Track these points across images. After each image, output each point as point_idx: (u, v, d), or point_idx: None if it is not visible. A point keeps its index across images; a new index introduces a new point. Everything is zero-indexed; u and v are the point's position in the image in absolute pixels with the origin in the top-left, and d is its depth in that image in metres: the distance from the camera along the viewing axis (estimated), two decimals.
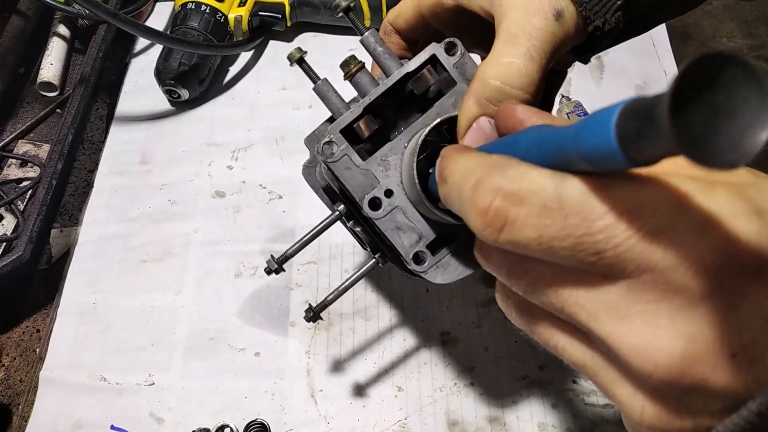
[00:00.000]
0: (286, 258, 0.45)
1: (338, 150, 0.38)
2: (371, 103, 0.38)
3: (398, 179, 0.39)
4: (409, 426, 0.56)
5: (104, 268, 0.66)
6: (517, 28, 0.34)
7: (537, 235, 0.23)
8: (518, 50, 0.34)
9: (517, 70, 0.34)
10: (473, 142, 0.35)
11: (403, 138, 0.39)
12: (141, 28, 0.67)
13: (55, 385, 0.59)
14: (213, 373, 0.59)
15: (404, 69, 0.38)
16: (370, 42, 0.40)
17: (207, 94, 0.78)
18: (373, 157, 0.39)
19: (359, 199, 0.38)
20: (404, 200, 0.39)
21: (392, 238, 0.39)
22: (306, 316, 0.47)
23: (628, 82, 0.78)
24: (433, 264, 0.39)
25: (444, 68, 0.39)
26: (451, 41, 0.38)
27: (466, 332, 0.61)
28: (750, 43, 0.86)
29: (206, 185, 0.71)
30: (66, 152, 0.69)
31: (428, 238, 0.39)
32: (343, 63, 0.42)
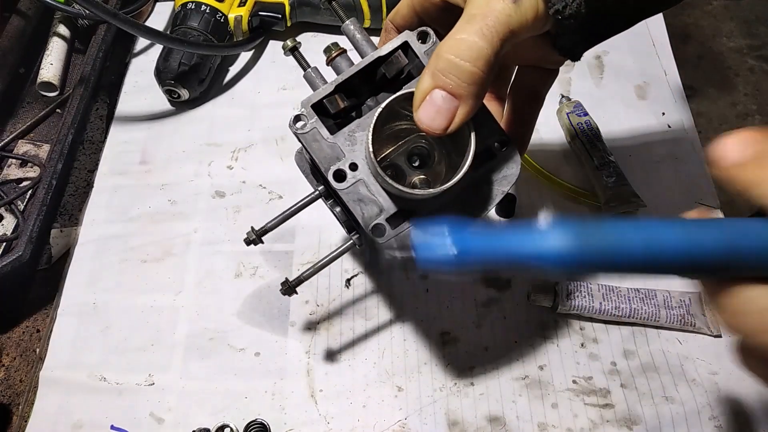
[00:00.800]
0: (265, 231, 0.48)
1: (308, 123, 0.41)
2: (343, 81, 0.41)
3: (364, 154, 0.41)
4: (409, 426, 0.56)
5: (104, 268, 0.66)
6: (475, 9, 0.37)
7: None
8: (472, 28, 0.36)
9: (467, 45, 0.36)
10: (426, 114, 0.37)
11: (371, 116, 0.40)
12: (141, 28, 0.67)
13: (55, 385, 0.59)
14: (213, 373, 0.59)
15: (376, 53, 0.41)
16: (350, 29, 0.43)
17: (207, 94, 0.78)
18: (341, 131, 0.41)
19: (324, 170, 0.41)
20: (368, 174, 0.41)
21: (354, 209, 0.41)
22: (282, 289, 0.49)
23: (628, 82, 0.78)
24: (392, 236, 0.41)
25: (415, 54, 0.41)
26: (424, 30, 0.41)
27: (466, 332, 0.61)
28: (750, 43, 0.86)
29: (206, 185, 0.71)
30: (66, 152, 0.69)
31: (389, 211, 0.41)
32: (325, 49, 0.44)
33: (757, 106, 0.81)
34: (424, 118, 0.37)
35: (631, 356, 0.59)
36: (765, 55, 0.84)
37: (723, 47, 0.85)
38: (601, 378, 0.58)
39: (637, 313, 0.59)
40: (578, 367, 0.59)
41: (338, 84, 0.41)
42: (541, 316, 0.61)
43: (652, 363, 0.59)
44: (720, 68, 0.83)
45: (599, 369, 0.59)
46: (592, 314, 0.60)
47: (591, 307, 0.59)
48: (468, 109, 0.37)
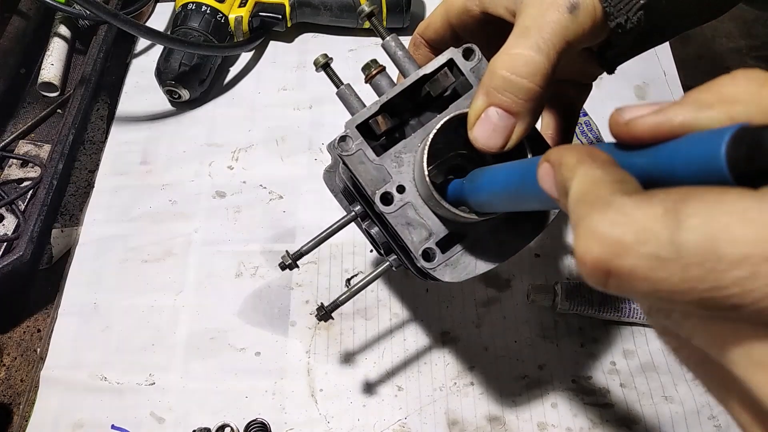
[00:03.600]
0: (301, 254, 0.47)
1: (353, 144, 0.39)
2: (388, 101, 0.39)
3: (411, 176, 0.39)
4: (409, 425, 0.56)
5: (105, 268, 0.66)
6: (529, 21, 0.35)
7: (651, 289, 0.19)
8: (527, 42, 0.34)
9: (524, 61, 0.34)
10: (482, 132, 0.35)
11: (417, 136, 0.40)
12: (142, 28, 0.67)
13: (56, 385, 0.59)
14: (213, 373, 0.59)
15: (421, 71, 0.39)
16: (391, 46, 0.41)
17: (207, 94, 0.78)
18: (387, 153, 0.39)
19: (371, 193, 0.39)
20: (416, 196, 0.39)
21: (402, 233, 0.39)
22: (317, 315, 0.47)
23: (628, 83, 0.78)
24: (443, 261, 0.39)
25: (461, 72, 0.39)
26: (469, 47, 0.39)
27: (466, 332, 0.61)
28: (749, 44, 0.86)
29: (207, 185, 0.71)
30: (67, 152, 0.69)
31: (438, 234, 0.39)
32: (364, 66, 0.42)
33: None
34: (480, 136, 0.35)
35: (631, 356, 0.59)
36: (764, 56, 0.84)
37: (722, 48, 0.85)
38: (601, 378, 0.58)
39: (636, 313, 0.59)
40: (578, 367, 0.59)
41: (383, 104, 0.39)
42: (541, 316, 0.61)
43: (651, 363, 0.59)
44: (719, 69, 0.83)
45: (599, 369, 0.59)
46: (591, 314, 0.60)
47: (590, 307, 0.59)
48: (525, 126, 0.36)
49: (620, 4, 0.36)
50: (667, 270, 0.18)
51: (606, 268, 0.20)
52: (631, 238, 0.19)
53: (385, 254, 0.47)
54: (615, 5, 0.36)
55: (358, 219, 0.46)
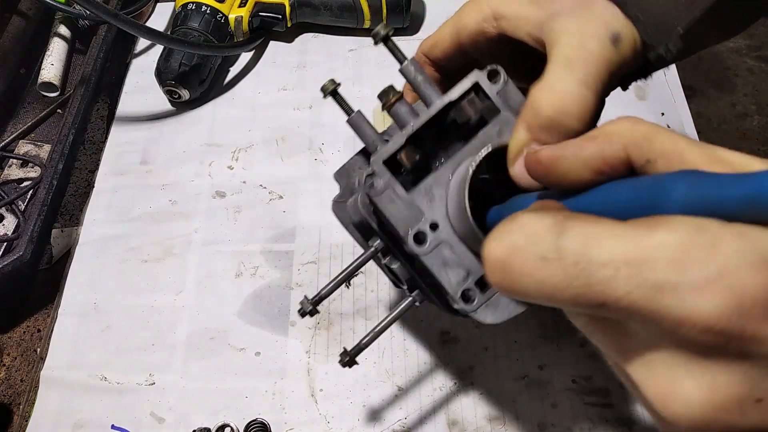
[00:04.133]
0: (321, 298, 0.43)
1: (382, 182, 0.36)
2: (414, 133, 0.36)
3: (443, 212, 0.37)
4: (409, 426, 0.56)
5: (105, 268, 0.66)
6: (571, 53, 0.33)
7: (536, 286, 0.23)
8: (573, 76, 0.32)
9: (572, 99, 0.32)
10: (522, 172, 0.33)
11: (447, 168, 0.37)
12: (141, 28, 0.67)
13: (56, 385, 0.59)
14: (213, 373, 0.59)
15: (447, 97, 0.37)
16: (410, 71, 0.38)
17: (207, 94, 0.78)
18: (417, 189, 0.37)
19: (403, 234, 0.36)
20: (450, 234, 0.37)
21: (439, 275, 0.36)
22: (341, 360, 0.44)
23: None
24: (483, 302, 0.37)
25: (487, 96, 0.37)
26: (494, 68, 0.37)
27: (466, 332, 0.61)
28: (749, 44, 0.86)
29: (207, 185, 0.71)
30: (67, 152, 0.69)
31: (477, 274, 0.37)
32: (381, 93, 0.40)
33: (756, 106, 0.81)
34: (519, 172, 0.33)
35: None
36: (764, 56, 0.84)
37: (722, 47, 0.85)
38: (601, 377, 0.58)
39: None
40: (578, 367, 0.59)
41: (409, 136, 0.36)
42: (541, 315, 0.61)
43: None
44: (719, 68, 0.83)
45: (599, 368, 0.59)
46: None
47: None
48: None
49: (659, 35, 0.35)
50: (550, 269, 0.23)
51: (502, 265, 0.24)
52: (522, 242, 0.24)
53: (410, 290, 0.44)
54: (654, 36, 0.35)
55: (378, 254, 0.43)
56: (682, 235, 0.20)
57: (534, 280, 0.23)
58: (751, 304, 0.20)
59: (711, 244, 0.20)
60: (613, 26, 0.33)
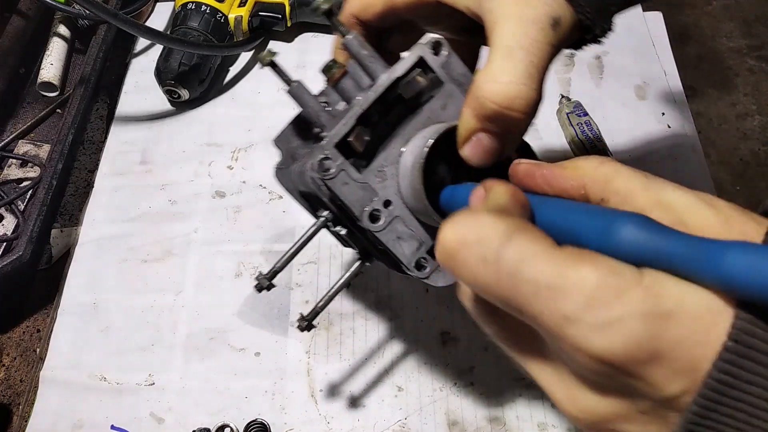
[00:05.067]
0: (275, 272, 0.44)
1: (335, 166, 0.36)
2: (363, 112, 0.36)
3: (395, 189, 0.38)
4: (409, 426, 0.56)
5: (104, 268, 0.66)
6: (512, 41, 0.33)
7: (472, 279, 0.27)
8: (516, 68, 0.33)
9: (517, 92, 0.33)
10: (473, 152, 0.35)
11: (396, 145, 0.38)
12: (141, 28, 0.67)
13: (56, 385, 0.59)
14: (213, 373, 0.59)
15: (393, 73, 0.37)
16: (354, 45, 0.39)
17: (207, 94, 0.78)
18: (369, 168, 0.38)
19: (359, 214, 0.37)
20: (403, 209, 0.38)
21: (394, 248, 0.38)
22: (300, 325, 0.46)
23: (628, 83, 0.78)
24: (435, 268, 0.39)
25: (431, 69, 0.37)
26: (437, 41, 0.37)
27: (466, 332, 0.61)
28: (750, 43, 0.86)
29: (206, 185, 0.71)
30: (66, 152, 0.69)
31: (428, 244, 0.39)
32: (325, 68, 0.40)
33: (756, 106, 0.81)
34: (471, 156, 0.35)
35: None
36: (765, 56, 0.84)
37: (723, 47, 0.85)
38: None
39: None
40: None
41: (360, 116, 0.36)
42: None
43: None
44: (720, 68, 0.83)
45: None
46: None
47: None
48: (515, 144, 0.36)
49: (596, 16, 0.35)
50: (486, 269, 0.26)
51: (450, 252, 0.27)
52: (472, 239, 0.26)
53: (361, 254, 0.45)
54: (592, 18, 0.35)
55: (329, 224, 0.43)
56: (599, 276, 0.23)
57: (471, 274, 0.27)
58: (636, 350, 0.22)
59: (619, 292, 0.23)
60: (553, 9, 0.33)
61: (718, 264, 0.21)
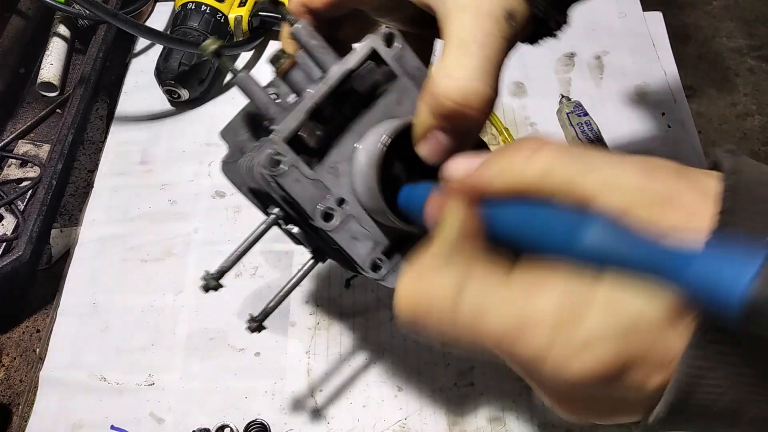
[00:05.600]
0: (222, 272, 0.42)
1: (286, 162, 0.34)
2: (315, 106, 0.35)
3: (349, 187, 0.36)
4: (409, 426, 0.56)
5: (104, 268, 0.66)
6: (467, 35, 0.32)
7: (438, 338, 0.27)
8: (471, 63, 0.32)
9: (472, 89, 0.32)
10: (429, 149, 0.34)
11: (349, 141, 0.36)
12: (141, 28, 0.67)
13: (55, 385, 0.59)
14: (213, 373, 0.59)
15: (345, 65, 0.35)
16: (302, 35, 0.37)
17: (207, 94, 0.78)
18: (322, 165, 0.36)
19: (311, 212, 0.36)
20: (357, 208, 0.37)
21: (348, 248, 0.37)
22: (249, 326, 0.43)
23: (628, 83, 0.78)
24: (390, 269, 0.38)
25: (384, 62, 0.36)
26: (389, 33, 0.36)
27: None
28: (750, 43, 0.86)
29: (206, 185, 0.71)
30: (66, 152, 0.69)
31: (383, 244, 0.38)
32: (273, 58, 0.38)
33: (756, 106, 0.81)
34: (427, 153, 0.34)
35: None
36: (765, 56, 0.84)
37: (723, 47, 0.85)
38: None
39: None
40: None
41: (309, 109, 0.35)
42: None
43: None
44: (720, 68, 0.83)
45: None
46: None
47: None
48: (472, 141, 0.35)
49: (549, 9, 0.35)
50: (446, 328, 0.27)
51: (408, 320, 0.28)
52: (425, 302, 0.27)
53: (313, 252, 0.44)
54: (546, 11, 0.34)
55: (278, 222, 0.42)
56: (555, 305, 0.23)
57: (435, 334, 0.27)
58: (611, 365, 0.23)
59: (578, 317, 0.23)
60: (508, 2, 0.32)
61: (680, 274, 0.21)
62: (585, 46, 0.81)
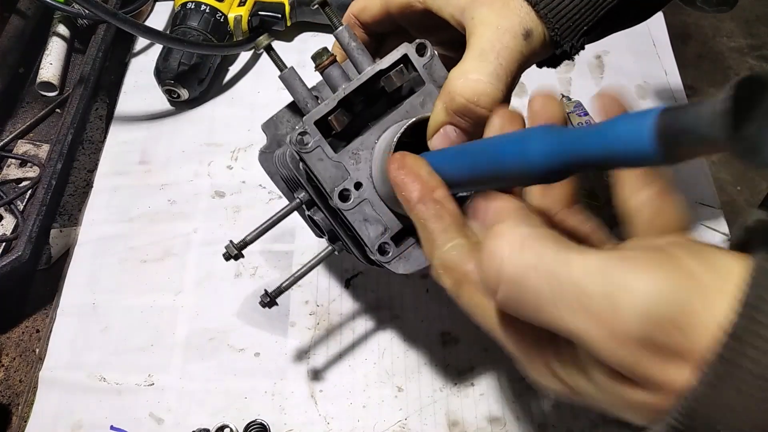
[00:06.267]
0: (246, 243, 0.47)
1: (312, 141, 0.39)
2: (345, 97, 0.39)
3: (368, 173, 0.40)
4: (409, 426, 0.56)
5: (104, 268, 0.66)
6: (487, 45, 0.36)
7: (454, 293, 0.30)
8: (486, 68, 0.36)
9: (483, 89, 0.36)
10: (440, 143, 0.38)
11: (374, 133, 0.40)
12: (140, 27, 0.67)
13: (55, 386, 0.59)
14: (213, 374, 0.59)
15: (377, 66, 0.40)
16: (344, 37, 0.42)
17: (207, 93, 0.78)
18: (345, 150, 0.40)
19: (330, 191, 0.40)
20: (372, 193, 0.40)
21: (359, 229, 0.40)
22: (262, 301, 0.49)
23: (629, 82, 0.78)
24: (396, 255, 0.41)
25: (414, 68, 0.40)
26: (422, 43, 0.40)
27: (466, 332, 0.61)
28: (750, 43, 0.86)
29: (206, 185, 0.71)
30: (65, 152, 0.69)
31: (393, 230, 0.41)
32: (315, 55, 0.43)
33: None
34: (436, 146, 0.38)
35: None
36: (765, 55, 0.84)
37: (723, 47, 0.85)
38: None
39: None
40: None
41: (341, 99, 0.39)
42: None
43: None
44: (720, 68, 0.83)
45: None
46: None
47: None
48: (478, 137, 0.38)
49: (567, 31, 0.39)
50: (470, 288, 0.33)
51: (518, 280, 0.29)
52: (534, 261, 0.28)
53: (330, 240, 0.48)
54: (561, 33, 0.39)
55: (303, 206, 0.46)
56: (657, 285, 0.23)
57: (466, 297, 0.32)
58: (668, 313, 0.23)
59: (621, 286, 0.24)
60: (526, 23, 0.37)
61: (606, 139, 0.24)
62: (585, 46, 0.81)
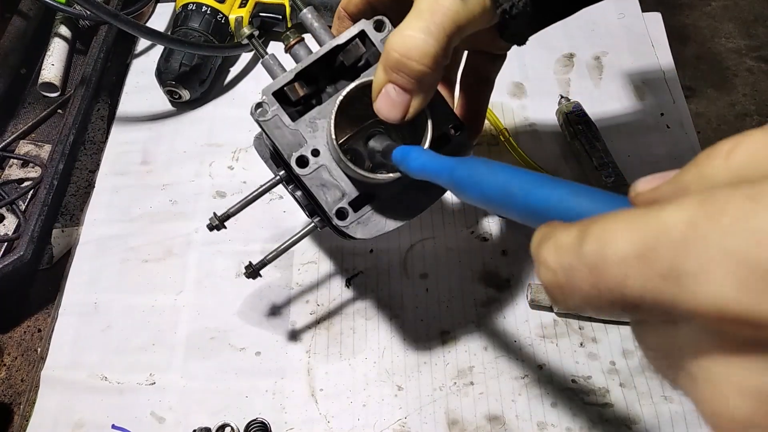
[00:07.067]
0: (228, 216, 0.49)
1: (270, 111, 0.41)
2: (303, 69, 0.41)
3: (325, 140, 0.42)
4: (409, 425, 0.56)
5: (105, 267, 0.66)
6: (423, 5, 0.38)
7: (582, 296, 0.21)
8: (419, 24, 0.37)
9: (414, 43, 0.37)
10: (383, 105, 0.39)
11: (330, 102, 0.42)
12: (142, 29, 0.67)
13: (57, 385, 0.59)
14: (214, 373, 0.59)
15: (334, 41, 0.42)
16: (308, 18, 0.44)
17: (208, 94, 0.79)
18: (302, 118, 0.42)
19: (287, 156, 0.41)
20: (329, 160, 0.42)
21: (317, 194, 0.42)
22: (246, 272, 0.50)
23: (627, 83, 0.78)
24: (355, 220, 0.43)
25: (372, 43, 0.42)
26: (380, 19, 0.42)
27: (465, 332, 0.61)
28: (749, 44, 0.86)
29: (207, 185, 0.71)
30: (67, 152, 0.69)
31: (351, 195, 0.43)
32: (283, 36, 0.45)
33: (755, 107, 0.81)
34: (381, 109, 0.39)
35: (630, 356, 0.59)
36: (764, 56, 0.84)
37: (721, 48, 0.85)
38: (600, 377, 0.58)
39: None
40: (577, 367, 0.59)
41: (298, 72, 0.41)
42: (541, 315, 0.62)
43: None
44: (719, 69, 0.83)
45: (598, 368, 0.59)
46: (591, 314, 0.60)
47: None
48: (419, 102, 0.39)
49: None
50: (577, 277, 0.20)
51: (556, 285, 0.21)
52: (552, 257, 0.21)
53: (310, 216, 0.49)
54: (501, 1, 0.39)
55: (283, 183, 0.48)
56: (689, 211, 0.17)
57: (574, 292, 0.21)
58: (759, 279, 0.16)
59: (714, 217, 0.17)
60: None
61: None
62: (584, 47, 0.81)
